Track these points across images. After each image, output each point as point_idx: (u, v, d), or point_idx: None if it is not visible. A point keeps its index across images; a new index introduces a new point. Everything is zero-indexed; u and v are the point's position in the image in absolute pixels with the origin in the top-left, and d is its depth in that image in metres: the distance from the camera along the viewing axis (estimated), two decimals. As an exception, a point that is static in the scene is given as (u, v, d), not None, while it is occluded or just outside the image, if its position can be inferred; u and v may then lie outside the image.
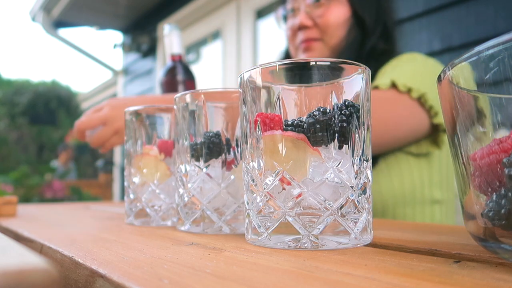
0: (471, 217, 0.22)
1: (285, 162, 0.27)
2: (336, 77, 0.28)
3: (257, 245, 0.29)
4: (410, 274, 0.20)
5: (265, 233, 0.28)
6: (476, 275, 0.20)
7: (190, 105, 0.37)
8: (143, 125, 0.46)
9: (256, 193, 0.29)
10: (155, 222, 0.44)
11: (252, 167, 0.29)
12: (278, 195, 0.28)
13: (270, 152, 0.28)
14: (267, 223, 0.28)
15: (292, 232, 0.28)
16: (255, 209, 0.29)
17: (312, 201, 0.27)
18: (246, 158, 0.30)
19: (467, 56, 0.21)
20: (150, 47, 3.13)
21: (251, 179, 0.29)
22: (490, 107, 0.20)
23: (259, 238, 0.29)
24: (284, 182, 0.28)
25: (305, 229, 0.27)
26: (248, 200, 0.30)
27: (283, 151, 0.27)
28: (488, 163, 0.20)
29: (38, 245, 0.33)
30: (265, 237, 0.28)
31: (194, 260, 0.24)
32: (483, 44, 0.20)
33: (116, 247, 0.29)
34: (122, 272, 0.21)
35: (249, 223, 0.30)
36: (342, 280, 0.19)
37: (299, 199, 0.27)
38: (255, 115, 0.29)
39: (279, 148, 0.28)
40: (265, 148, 0.28)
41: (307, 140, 0.27)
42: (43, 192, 3.40)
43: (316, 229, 0.27)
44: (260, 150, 0.29)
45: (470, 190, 0.22)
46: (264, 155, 0.28)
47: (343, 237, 0.28)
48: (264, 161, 0.28)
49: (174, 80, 0.76)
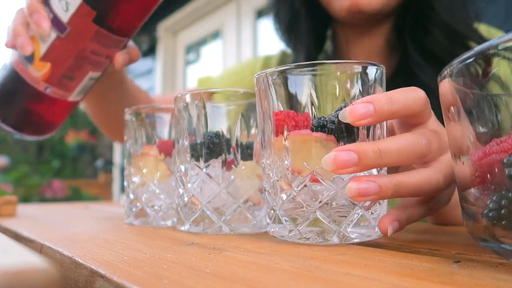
0: (471, 217, 0.22)
1: (316, 162, 0.28)
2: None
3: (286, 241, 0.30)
4: (410, 274, 0.20)
5: (295, 229, 0.29)
6: (476, 275, 0.20)
7: (190, 105, 0.37)
8: (143, 125, 0.46)
9: (283, 191, 0.30)
10: (155, 222, 0.44)
11: (278, 165, 0.30)
12: (307, 194, 0.29)
13: (299, 152, 0.29)
14: (297, 220, 0.30)
15: (321, 227, 0.29)
16: (282, 205, 0.30)
17: (343, 198, 0.29)
18: (268, 154, 0.31)
19: (467, 56, 0.21)
20: (150, 47, 3.13)
21: (277, 178, 0.30)
22: (490, 107, 0.20)
23: (289, 235, 0.30)
24: (315, 181, 0.29)
25: (335, 224, 0.29)
26: (273, 198, 0.31)
27: (313, 152, 0.28)
28: (488, 163, 0.20)
29: (38, 245, 0.33)
30: (294, 234, 0.30)
31: (194, 260, 0.24)
32: (483, 44, 0.20)
33: (116, 247, 0.29)
34: (122, 272, 0.21)
35: (275, 221, 0.31)
36: (342, 280, 0.19)
37: (330, 197, 0.28)
38: (280, 114, 0.30)
39: (308, 149, 0.29)
40: (293, 147, 0.29)
41: (335, 141, 0.28)
42: (43, 192, 3.40)
43: (346, 224, 0.29)
44: (287, 149, 0.29)
45: (470, 190, 0.22)
46: (291, 154, 0.29)
47: (367, 230, 0.30)
48: (292, 161, 0.29)
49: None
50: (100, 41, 0.45)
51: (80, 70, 0.46)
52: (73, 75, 0.46)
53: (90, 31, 0.44)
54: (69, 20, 0.43)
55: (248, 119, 0.37)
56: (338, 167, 0.26)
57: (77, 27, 0.43)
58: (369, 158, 0.26)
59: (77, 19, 0.43)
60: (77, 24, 0.43)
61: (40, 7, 0.44)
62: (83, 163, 5.24)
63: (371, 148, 0.26)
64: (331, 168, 0.26)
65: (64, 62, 0.45)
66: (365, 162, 0.26)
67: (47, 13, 0.44)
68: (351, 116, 0.27)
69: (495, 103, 0.20)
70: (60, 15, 0.43)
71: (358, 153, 0.26)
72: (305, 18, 0.65)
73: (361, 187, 0.26)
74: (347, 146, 0.27)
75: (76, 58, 0.45)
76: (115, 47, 0.47)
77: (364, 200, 0.28)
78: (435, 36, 0.57)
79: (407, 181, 0.27)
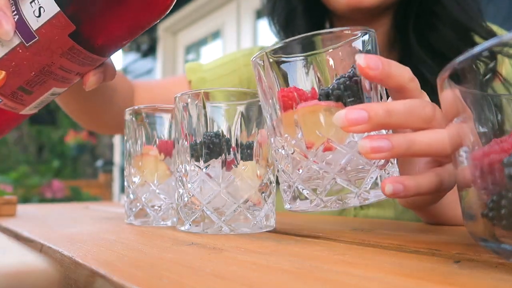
0: (471, 217, 0.22)
1: (328, 130, 0.29)
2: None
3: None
4: (410, 274, 0.20)
5: (316, 198, 0.30)
6: (476, 275, 0.20)
7: (190, 105, 0.37)
8: (143, 125, 0.46)
9: (299, 165, 0.30)
10: (155, 222, 0.44)
11: (291, 140, 0.31)
12: (324, 161, 0.30)
13: (310, 123, 0.30)
14: (317, 190, 0.30)
15: (341, 192, 0.30)
16: (300, 178, 0.31)
17: (359, 161, 0.29)
18: (279, 132, 0.31)
19: (467, 56, 0.21)
20: (149, 47, 3.13)
21: (291, 152, 0.31)
22: (490, 107, 0.20)
23: (312, 205, 0.30)
24: (329, 150, 0.29)
25: (355, 186, 0.29)
26: (289, 175, 0.31)
27: (324, 120, 0.29)
28: (488, 163, 0.20)
29: (38, 245, 0.33)
30: (317, 203, 0.30)
31: (194, 260, 0.24)
32: (483, 44, 0.20)
33: (116, 247, 0.29)
34: (122, 272, 0.21)
35: (295, 196, 0.31)
36: (342, 280, 0.19)
37: (346, 161, 0.29)
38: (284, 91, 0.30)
39: (319, 118, 0.29)
40: (304, 119, 0.30)
41: (343, 107, 0.29)
42: (43, 192, 3.40)
43: (365, 185, 0.29)
44: (297, 122, 0.30)
45: (470, 190, 0.22)
46: (303, 126, 0.30)
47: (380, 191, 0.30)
48: (304, 132, 0.30)
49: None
50: (73, 58, 0.37)
51: (41, 85, 0.38)
52: (32, 90, 0.38)
53: (63, 46, 0.35)
54: (39, 28, 0.35)
55: (248, 119, 0.37)
56: (350, 123, 0.27)
57: (47, 38, 0.35)
58: (379, 116, 0.27)
59: (50, 29, 0.35)
60: (48, 35, 0.35)
61: (4, 5, 0.35)
62: (83, 163, 5.24)
63: (381, 107, 0.27)
64: (343, 124, 0.27)
65: (23, 74, 0.37)
66: (375, 120, 0.27)
67: (12, 12, 0.35)
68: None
69: (496, 103, 0.20)
70: (29, 20, 0.35)
71: (368, 111, 0.27)
72: (302, 14, 0.65)
73: (374, 144, 0.27)
74: (357, 106, 0.27)
75: (40, 72, 0.37)
76: (89, 65, 0.39)
77: (377, 158, 0.28)
78: (441, 32, 0.56)
79: (419, 138, 0.28)
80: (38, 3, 0.34)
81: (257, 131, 0.37)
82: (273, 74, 0.31)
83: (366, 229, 0.38)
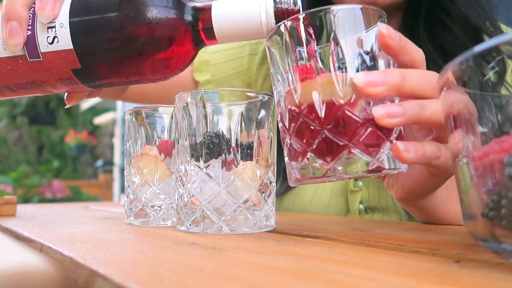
0: (471, 217, 0.22)
1: (346, 97, 0.30)
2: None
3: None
4: (410, 274, 0.20)
5: (330, 165, 0.30)
6: (476, 275, 0.20)
7: (190, 105, 0.37)
8: (143, 125, 0.46)
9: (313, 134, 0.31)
10: (155, 222, 0.44)
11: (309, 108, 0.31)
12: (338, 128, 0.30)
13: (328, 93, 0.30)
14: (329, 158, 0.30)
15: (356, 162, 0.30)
16: (314, 148, 0.31)
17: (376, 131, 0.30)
18: (297, 102, 0.32)
19: (467, 56, 0.21)
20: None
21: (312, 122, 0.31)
22: (490, 107, 0.20)
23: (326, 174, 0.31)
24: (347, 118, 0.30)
25: (370, 156, 0.30)
26: (300, 146, 0.32)
27: (343, 89, 0.30)
28: (488, 163, 0.20)
29: (38, 245, 0.33)
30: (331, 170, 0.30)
31: (194, 260, 0.24)
32: (482, 44, 0.20)
33: (116, 247, 0.29)
34: (122, 272, 0.21)
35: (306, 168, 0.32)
36: (342, 280, 0.19)
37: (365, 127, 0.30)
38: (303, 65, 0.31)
39: (336, 88, 0.30)
40: (322, 89, 0.30)
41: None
42: (43, 192, 3.40)
43: (380, 153, 0.30)
44: (317, 92, 0.30)
45: (470, 190, 0.22)
46: (322, 96, 0.30)
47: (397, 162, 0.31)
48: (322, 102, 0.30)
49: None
50: (67, 83, 0.38)
51: (27, 90, 0.39)
52: (17, 90, 0.39)
53: (63, 75, 0.37)
54: (46, 53, 0.36)
55: (248, 119, 0.37)
56: (368, 84, 0.28)
57: (50, 64, 0.36)
58: (395, 78, 0.29)
59: (56, 58, 0.36)
60: (52, 62, 0.36)
61: (23, 18, 0.35)
62: (83, 163, 5.24)
63: (397, 71, 0.30)
64: (362, 84, 0.28)
65: (14, 78, 0.38)
66: (391, 82, 0.29)
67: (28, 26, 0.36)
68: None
69: (496, 103, 0.20)
70: (40, 42, 0.36)
71: (385, 74, 0.29)
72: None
73: (389, 109, 0.28)
74: (374, 71, 0.30)
75: (31, 83, 0.38)
76: (80, 91, 0.41)
77: (392, 124, 0.29)
78: (451, 30, 0.56)
79: (431, 105, 0.30)
80: (54, 32, 0.36)
81: (257, 131, 0.37)
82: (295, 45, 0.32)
83: (366, 229, 0.38)
